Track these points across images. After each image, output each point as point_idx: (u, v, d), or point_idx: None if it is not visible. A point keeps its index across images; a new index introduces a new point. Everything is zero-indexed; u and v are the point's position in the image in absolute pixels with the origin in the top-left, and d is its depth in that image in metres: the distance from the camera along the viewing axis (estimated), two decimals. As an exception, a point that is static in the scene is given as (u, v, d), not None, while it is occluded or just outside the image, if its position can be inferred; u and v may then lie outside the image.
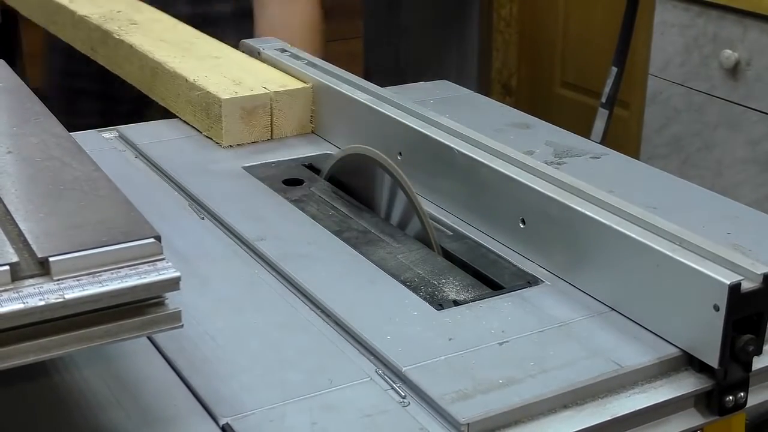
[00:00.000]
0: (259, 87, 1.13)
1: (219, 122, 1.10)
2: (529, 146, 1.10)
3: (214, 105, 1.10)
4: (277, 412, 0.66)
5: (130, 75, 1.29)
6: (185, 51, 1.25)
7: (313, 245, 0.89)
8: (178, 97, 1.17)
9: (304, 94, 1.15)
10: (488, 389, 0.68)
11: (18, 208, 0.65)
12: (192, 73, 1.17)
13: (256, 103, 1.12)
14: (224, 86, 1.13)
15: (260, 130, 1.13)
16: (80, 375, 0.71)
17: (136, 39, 1.28)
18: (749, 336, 0.69)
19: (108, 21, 1.35)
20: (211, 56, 1.24)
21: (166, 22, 1.38)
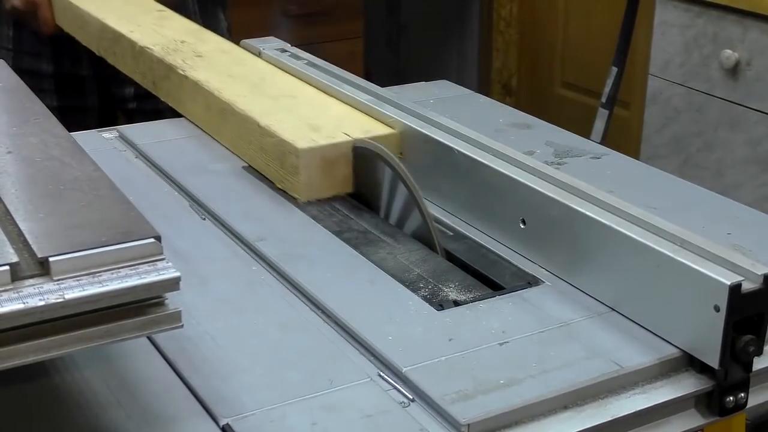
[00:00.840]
0: (340, 133, 0.99)
1: (296, 174, 0.96)
2: (530, 146, 1.10)
3: (289, 155, 0.96)
4: (278, 413, 0.66)
5: (195, 114, 1.17)
6: (256, 88, 1.13)
7: (314, 245, 0.89)
8: (249, 144, 1.04)
9: (389, 142, 0.99)
10: (489, 390, 0.68)
11: (18, 208, 0.65)
12: (264, 115, 1.04)
13: (338, 153, 0.97)
14: (301, 132, 0.99)
15: (341, 182, 0.97)
16: (80, 375, 0.71)
17: (202, 74, 1.15)
18: (750, 336, 0.69)
19: (171, 53, 1.22)
20: (285, 95, 1.11)
21: (233, 53, 1.26)
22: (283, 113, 1.04)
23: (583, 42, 2.89)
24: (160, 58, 1.21)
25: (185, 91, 1.17)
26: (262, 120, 1.02)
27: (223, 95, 1.09)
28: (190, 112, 1.18)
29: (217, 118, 1.11)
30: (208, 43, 1.28)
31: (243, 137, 1.06)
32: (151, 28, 1.32)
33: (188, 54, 1.22)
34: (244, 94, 1.09)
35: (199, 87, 1.13)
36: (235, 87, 1.12)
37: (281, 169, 0.99)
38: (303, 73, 1.18)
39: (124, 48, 1.30)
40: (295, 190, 0.97)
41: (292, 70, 1.19)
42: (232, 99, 1.08)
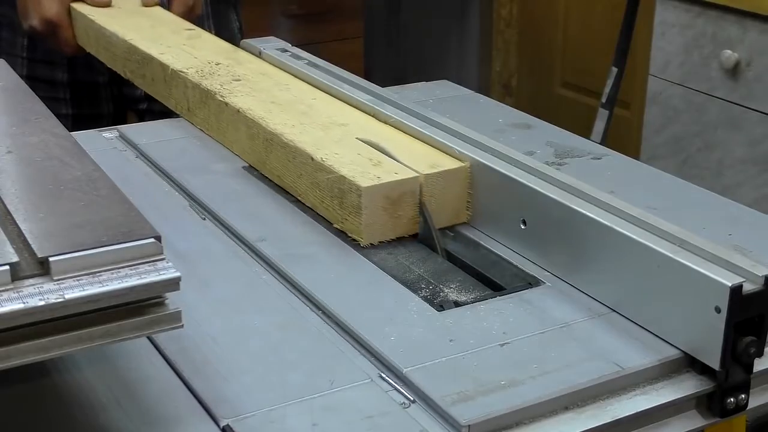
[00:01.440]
0: (404, 168, 0.90)
1: (357, 215, 0.87)
2: (530, 147, 1.10)
3: (350, 193, 0.87)
4: (278, 414, 0.66)
5: (237, 144, 1.08)
6: (304, 116, 1.03)
7: (314, 246, 0.89)
8: (300, 178, 0.95)
9: (460, 177, 0.91)
10: (489, 391, 0.68)
11: (18, 208, 0.65)
12: (317, 147, 0.94)
13: (403, 190, 0.88)
14: (361, 167, 0.90)
15: (406, 223, 0.89)
16: (81, 375, 0.71)
17: (243, 101, 1.07)
18: (751, 338, 0.69)
19: (207, 77, 1.14)
20: (336, 123, 1.01)
21: (274, 75, 1.17)
22: (337, 145, 0.95)
23: (584, 42, 2.89)
24: (196, 83, 1.13)
25: (225, 118, 1.09)
26: (316, 153, 0.92)
27: (270, 124, 1.00)
28: (231, 141, 1.09)
29: (262, 149, 1.02)
30: (244, 64, 1.20)
31: (292, 171, 0.97)
32: (182, 49, 1.24)
33: (225, 78, 1.15)
34: (292, 123, 1.00)
35: (241, 115, 1.05)
36: (281, 115, 1.03)
37: (340, 208, 0.89)
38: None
39: (155, 71, 1.22)
40: (356, 231, 0.88)
41: (294, 70, 1.19)
42: (280, 129, 0.99)
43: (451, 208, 0.91)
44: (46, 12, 1.37)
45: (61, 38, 1.40)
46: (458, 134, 0.95)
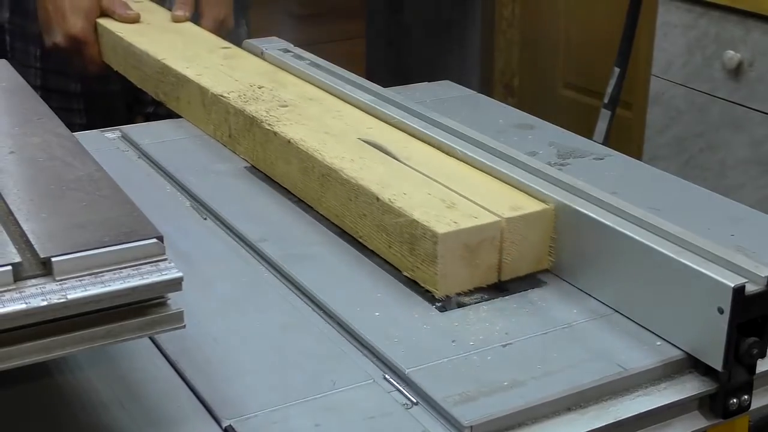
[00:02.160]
0: (483, 211, 0.81)
1: (432, 264, 0.78)
2: (533, 147, 1.10)
3: (423, 240, 0.79)
4: (280, 414, 0.66)
5: (288, 178, 0.99)
6: (362, 148, 0.95)
7: (316, 246, 0.89)
8: (363, 219, 0.87)
9: (543, 220, 0.83)
10: (492, 391, 0.68)
11: (20, 208, 0.65)
12: (383, 186, 0.85)
13: (483, 236, 0.79)
14: (434, 210, 0.81)
15: (484, 272, 0.81)
16: (83, 376, 0.71)
17: (294, 130, 0.98)
18: (753, 339, 0.69)
19: (251, 102, 1.06)
20: (400, 154, 0.93)
21: (323, 100, 1.09)
22: (404, 182, 0.87)
23: (586, 42, 2.89)
24: (239, 109, 1.06)
25: (274, 149, 1.00)
26: (382, 193, 0.84)
27: (326, 158, 0.92)
28: (280, 174, 1.00)
29: (317, 185, 0.93)
30: (288, 87, 1.12)
31: (353, 211, 0.88)
32: (220, 69, 1.18)
33: (271, 103, 1.06)
34: (351, 157, 0.92)
35: (292, 146, 0.96)
36: (337, 147, 0.94)
37: (410, 255, 0.81)
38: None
39: (191, 94, 1.15)
40: (430, 281, 0.79)
41: (296, 71, 1.18)
42: (338, 163, 0.90)
43: (533, 255, 0.82)
44: (71, 28, 1.32)
45: (87, 56, 1.34)
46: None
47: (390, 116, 1.02)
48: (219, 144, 1.12)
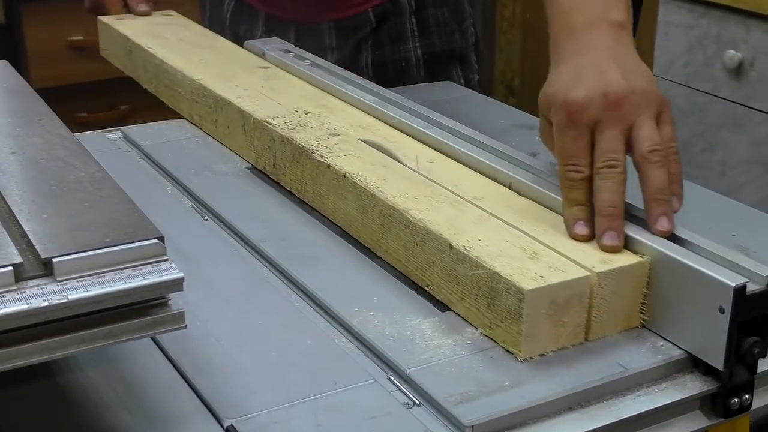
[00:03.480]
0: (570, 264, 0.73)
1: (516, 322, 0.70)
2: (534, 148, 1.10)
3: (505, 296, 0.71)
4: (282, 414, 0.66)
5: (342, 215, 0.91)
6: (425, 185, 0.86)
7: (317, 246, 0.89)
8: (431, 266, 0.79)
9: (637, 273, 0.74)
10: (493, 391, 0.68)
11: (21, 209, 0.65)
12: (455, 231, 0.77)
13: (571, 293, 0.71)
14: (516, 261, 0.73)
15: (571, 331, 0.72)
16: (84, 376, 0.71)
17: (349, 163, 0.90)
18: (755, 338, 0.69)
19: (298, 129, 0.98)
20: (467, 195, 0.84)
21: (376, 129, 1.00)
22: (477, 227, 0.78)
23: (586, 42, 2.88)
24: (286, 137, 0.97)
25: (326, 183, 0.92)
26: (456, 240, 0.76)
27: (388, 197, 0.83)
28: (333, 211, 0.92)
29: (376, 225, 0.85)
30: (337, 113, 1.04)
31: (420, 257, 0.80)
32: (261, 92, 1.10)
33: (320, 131, 0.98)
34: (415, 195, 0.84)
35: (348, 181, 0.88)
36: (398, 183, 0.86)
37: (488, 311, 0.73)
38: (313, 77, 1.13)
39: (231, 118, 1.07)
40: (512, 342, 0.71)
41: (297, 71, 1.17)
42: (402, 203, 0.82)
43: (624, 312, 0.75)
44: None
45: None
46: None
47: (391, 116, 1.02)
48: (220, 144, 1.12)
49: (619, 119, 0.78)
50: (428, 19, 1.42)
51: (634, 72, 0.81)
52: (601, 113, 0.78)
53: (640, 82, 0.81)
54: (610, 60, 0.81)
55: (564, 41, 0.86)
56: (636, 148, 0.78)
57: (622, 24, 0.85)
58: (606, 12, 0.85)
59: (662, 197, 0.77)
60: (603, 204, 0.77)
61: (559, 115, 0.80)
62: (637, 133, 0.78)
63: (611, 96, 0.78)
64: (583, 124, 0.79)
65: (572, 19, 0.86)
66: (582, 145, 0.79)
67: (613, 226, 0.76)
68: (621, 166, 0.78)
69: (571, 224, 0.78)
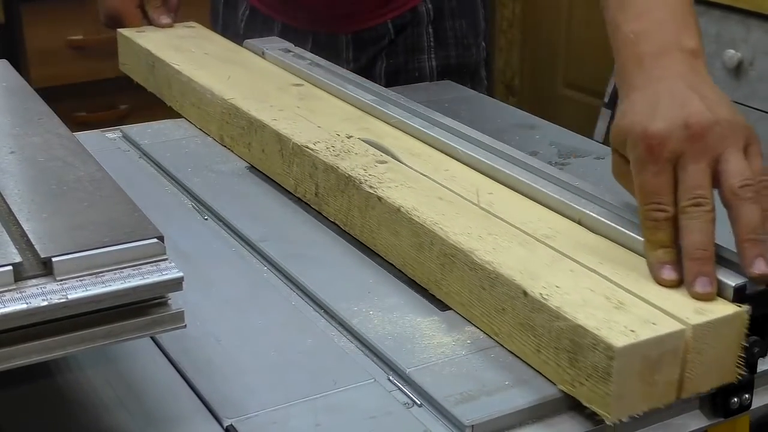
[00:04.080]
0: (661, 315, 0.66)
1: (604, 381, 0.63)
2: (533, 147, 1.10)
3: (591, 351, 0.64)
4: (281, 414, 0.66)
5: (395, 251, 0.83)
6: (487, 220, 0.79)
7: (317, 246, 0.89)
8: (501, 314, 0.72)
9: (735, 324, 0.67)
10: (493, 391, 0.68)
11: (21, 208, 0.65)
12: (529, 275, 0.70)
13: (665, 349, 0.64)
14: (600, 311, 0.66)
15: (663, 390, 0.65)
16: (83, 376, 0.71)
17: (402, 196, 0.83)
18: (755, 338, 0.68)
19: (342, 156, 0.91)
20: (537, 233, 0.77)
21: (428, 156, 0.93)
22: (551, 271, 0.71)
23: (586, 42, 2.89)
24: (331, 165, 0.90)
25: (376, 215, 0.85)
26: (531, 286, 0.69)
27: (449, 234, 0.76)
28: (383, 246, 0.85)
29: (435, 265, 0.78)
30: (384, 139, 0.97)
31: (488, 302, 0.73)
32: (297, 112, 1.03)
33: (366, 158, 0.91)
34: (478, 233, 0.76)
35: (402, 215, 0.81)
36: (459, 218, 0.79)
37: (570, 367, 0.66)
38: (313, 77, 1.14)
39: (267, 141, 1.00)
40: (599, 402, 0.64)
41: (298, 71, 1.16)
42: (465, 242, 0.75)
43: (720, 367, 0.68)
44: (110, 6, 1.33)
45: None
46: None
47: (391, 116, 1.01)
48: (219, 144, 1.12)
49: (704, 152, 0.72)
50: (446, 30, 1.41)
51: (716, 101, 0.75)
52: (684, 146, 0.72)
53: (725, 112, 0.74)
54: (687, 88, 0.75)
55: (633, 71, 0.79)
56: (725, 184, 0.72)
57: (695, 51, 0.79)
58: (677, 38, 0.79)
59: (756, 237, 0.70)
60: (691, 246, 0.70)
61: (638, 149, 0.73)
62: (725, 167, 0.72)
63: (694, 127, 0.72)
64: (664, 158, 0.72)
65: (640, 48, 0.79)
66: (664, 180, 0.72)
67: (704, 271, 0.69)
68: (709, 204, 0.71)
69: (657, 269, 0.71)
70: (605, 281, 0.70)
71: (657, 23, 0.80)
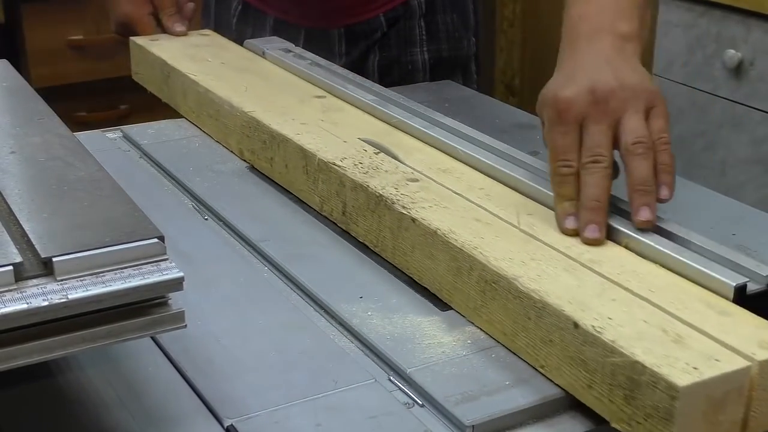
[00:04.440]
0: (723, 350, 0.62)
1: (665, 422, 0.60)
2: (533, 147, 1.10)
3: (651, 390, 0.60)
4: (282, 414, 0.66)
5: (430, 275, 0.79)
6: (530, 244, 0.76)
7: (318, 246, 0.89)
8: (549, 345, 0.68)
9: None
10: (493, 391, 0.68)
11: (21, 208, 0.65)
12: (579, 306, 0.67)
13: (729, 387, 0.61)
14: (659, 346, 0.62)
15: (726, 430, 0.62)
16: (84, 375, 0.71)
17: (438, 217, 0.79)
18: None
19: (371, 174, 0.87)
20: (580, 257, 0.74)
21: (460, 174, 0.89)
22: (601, 301, 0.68)
23: (586, 42, 2.88)
24: (360, 183, 0.86)
25: (409, 237, 0.81)
26: (582, 317, 0.65)
27: (490, 260, 0.73)
28: (417, 269, 0.81)
29: (475, 291, 0.74)
30: (412, 154, 0.93)
31: (534, 333, 0.69)
32: (321, 126, 0.99)
33: (396, 175, 0.87)
34: (521, 258, 0.73)
35: (439, 238, 0.77)
36: (499, 242, 0.75)
37: (627, 405, 0.62)
38: (313, 77, 1.15)
39: (290, 157, 0.96)
40: None
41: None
42: (507, 267, 0.71)
43: None
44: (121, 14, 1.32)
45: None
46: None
47: (391, 116, 1.01)
48: (219, 144, 1.12)
49: (605, 114, 0.79)
50: (437, 24, 1.42)
51: (627, 72, 0.81)
52: (588, 108, 0.79)
53: (631, 79, 0.81)
54: (604, 63, 0.82)
55: (567, 50, 0.86)
56: (620, 142, 0.79)
57: (628, 36, 0.85)
58: (613, 23, 0.85)
59: (644, 188, 0.77)
60: (586, 198, 0.77)
61: (549, 113, 0.81)
62: (623, 128, 0.79)
63: (598, 92, 0.79)
64: (571, 120, 0.79)
65: (578, 29, 0.86)
66: (570, 140, 0.79)
67: (595, 220, 0.76)
68: (606, 161, 0.78)
69: (562, 219, 0.78)
70: (660, 312, 0.67)
71: (599, 7, 0.87)
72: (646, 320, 0.65)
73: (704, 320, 0.66)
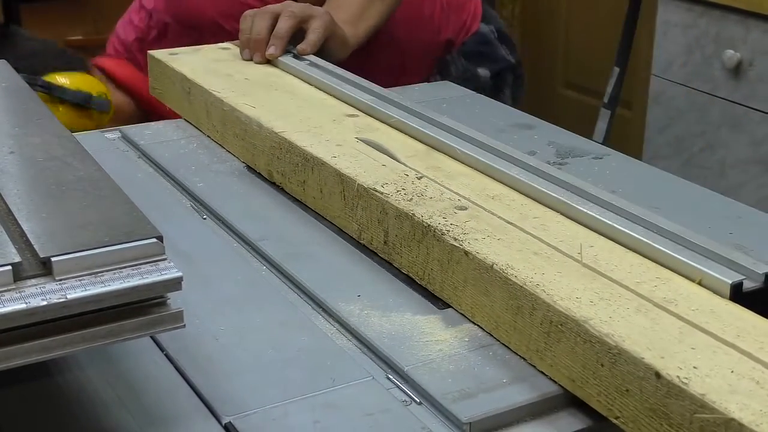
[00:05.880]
0: None
1: None
2: (532, 147, 1.10)
3: None
4: (280, 411, 0.66)
5: (481, 311, 0.74)
6: (595, 281, 0.70)
7: (315, 245, 0.89)
8: (626, 395, 0.62)
9: None
10: (491, 388, 0.68)
11: (20, 208, 0.65)
12: (659, 353, 0.60)
13: None
14: (756, 402, 0.56)
15: None
16: (83, 375, 0.71)
17: (493, 250, 0.73)
18: (752, 336, 0.68)
19: (416, 201, 0.82)
20: (655, 294, 0.68)
21: (510, 200, 0.83)
22: (687, 347, 0.61)
23: (586, 42, 2.89)
24: (405, 212, 0.80)
25: (461, 270, 0.75)
26: (664, 367, 0.59)
27: (557, 300, 0.67)
28: (469, 305, 0.75)
29: (537, 333, 0.68)
30: (456, 178, 0.87)
31: (607, 381, 0.63)
32: (357, 148, 0.93)
33: (443, 203, 0.81)
34: (589, 297, 0.67)
35: (496, 275, 0.71)
36: (562, 278, 0.69)
37: None
38: (313, 78, 1.16)
39: (325, 181, 0.90)
40: None
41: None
42: (576, 308, 0.65)
43: None
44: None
45: None
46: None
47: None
48: (218, 144, 1.12)
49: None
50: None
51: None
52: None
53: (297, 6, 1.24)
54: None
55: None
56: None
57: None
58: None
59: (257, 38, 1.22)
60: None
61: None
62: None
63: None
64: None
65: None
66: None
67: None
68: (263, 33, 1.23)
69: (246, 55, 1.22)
70: (748, 359, 0.60)
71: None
72: (732, 369, 0.59)
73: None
